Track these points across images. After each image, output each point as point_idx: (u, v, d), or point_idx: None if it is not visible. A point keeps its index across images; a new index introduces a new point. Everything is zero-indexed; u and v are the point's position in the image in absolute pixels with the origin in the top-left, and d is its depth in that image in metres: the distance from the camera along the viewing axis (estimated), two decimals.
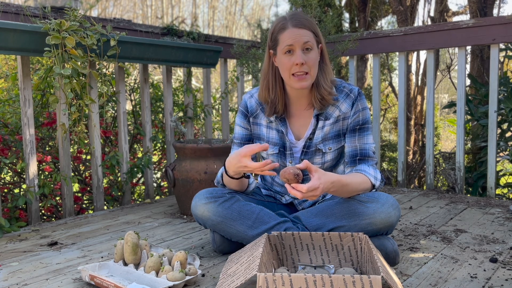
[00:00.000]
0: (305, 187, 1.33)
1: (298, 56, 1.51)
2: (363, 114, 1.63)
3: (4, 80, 2.95)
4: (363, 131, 1.63)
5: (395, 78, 5.24)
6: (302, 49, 1.52)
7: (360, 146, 1.63)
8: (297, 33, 1.52)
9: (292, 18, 1.55)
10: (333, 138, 1.66)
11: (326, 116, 1.65)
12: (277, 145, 1.70)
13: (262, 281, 1.13)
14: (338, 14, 4.54)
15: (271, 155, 1.72)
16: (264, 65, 1.66)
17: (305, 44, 1.52)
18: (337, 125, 1.65)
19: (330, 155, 1.68)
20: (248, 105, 1.74)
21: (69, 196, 2.38)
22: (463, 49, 2.72)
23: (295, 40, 1.51)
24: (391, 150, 4.77)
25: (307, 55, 1.53)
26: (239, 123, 1.76)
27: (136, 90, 3.20)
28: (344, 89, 1.65)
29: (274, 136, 1.70)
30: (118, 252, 1.52)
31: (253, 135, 1.76)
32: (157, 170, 3.45)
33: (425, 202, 2.56)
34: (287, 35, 1.52)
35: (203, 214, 1.63)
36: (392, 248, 1.53)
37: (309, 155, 1.68)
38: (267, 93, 1.65)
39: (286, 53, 1.53)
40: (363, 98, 1.65)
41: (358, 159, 1.62)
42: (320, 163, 1.69)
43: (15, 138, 2.44)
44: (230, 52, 3.09)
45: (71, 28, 2.12)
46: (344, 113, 1.64)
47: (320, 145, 1.66)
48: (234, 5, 10.80)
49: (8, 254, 1.77)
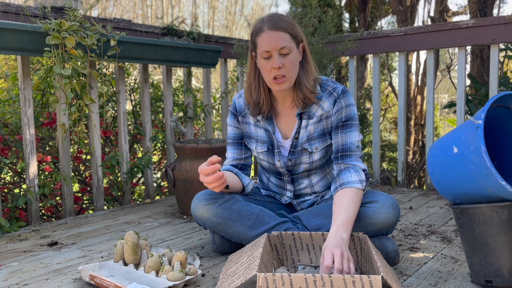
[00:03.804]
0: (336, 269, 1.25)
1: (275, 61, 1.51)
2: (346, 111, 1.61)
3: (4, 80, 2.95)
4: (346, 127, 1.61)
5: (395, 78, 5.24)
6: (279, 52, 1.51)
7: (341, 142, 1.60)
8: (273, 36, 1.50)
9: (269, 20, 1.53)
10: (318, 137, 1.66)
11: (310, 115, 1.64)
12: (266, 143, 1.71)
13: (262, 281, 1.13)
14: (338, 14, 4.54)
15: (260, 153, 1.73)
16: (248, 67, 1.67)
17: (282, 49, 1.51)
18: (321, 124, 1.64)
19: (317, 155, 1.67)
20: (236, 105, 1.76)
21: (69, 196, 2.38)
22: (463, 49, 2.72)
23: (271, 44, 1.50)
24: (391, 150, 4.77)
25: (284, 58, 1.52)
26: (230, 123, 1.78)
27: (136, 90, 3.20)
28: (328, 88, 1.64)
29: (262, 135, 1.71)
30: (118, 252, 1.52)
31: (244, 133, 1.77)
32: (157, 170, 3.44)
33: (425, 202, 2.56)
34: (263, 39, 1.52)
35: (203, 215, 1.63)
36: (392, 248, 1.53)
37: (296, 155, 1.68)
38: (249, 94, 1.67)
39: (264, 57, 1.53)
40: (347, 96, 1.62)
41: (340, 155, 1.59)
42: (308, 163, 1.69)
43: (15, 138, 2.44)
44: (230, 52, 3.09)
45: (71, 28, 2.12)
46: (326, 111, 1.63)
47: (306, 145, 1.66)
48: (234, 5, 10.81)
49: (8, 254, 1.77)
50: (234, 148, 1.77)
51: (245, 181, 1.72)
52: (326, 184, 1.77)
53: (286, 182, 1.77)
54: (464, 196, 1.37)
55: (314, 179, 1.75)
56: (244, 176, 1.73)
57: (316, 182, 1.75)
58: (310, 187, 1.76)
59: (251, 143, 1.75)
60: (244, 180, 1.72)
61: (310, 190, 1.76)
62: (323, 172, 1.75)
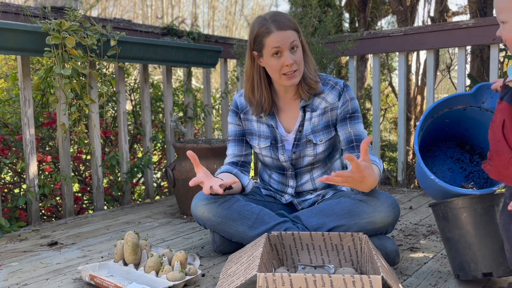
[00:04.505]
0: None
1: (287, 58, 1.56)
2: (352, 103, 1.68)
3: (4, 80, 2.95)
4: (354, 119, 1.67)
5: (395, 78, 5.24)
6: (289, 50, 1.57)
7: (354, 132, 1.66)
8: (284, 35, 1.56)
9: (273, 20, 1.58)
10: (322, 129, 1.70)
11: (313, 108, 1.69)
12: (269, 138, 1.74)
13: (262, 281, 1.13)
14: (338, 14, 4.54)
15: (263, 148, 1.75)
16: (246, 67, 1.70)
17: (292, 43, 1.56)
18: (325, 116, 1.69)
19: (321, 147, 1.70)
20: (238, 103, 1.79)
21: (69, 196, 2.38)
22: (463, 49, 2.72)
23: (282, 42, 1.55)
24: (391, 150, 4.77)
25: (294, 54, 1.58)
26: (231, 121, 1.81)
27: (136, 90, 3.20)
28: (330, 82, 1.70)
29: (265, 130, 1.74)
30: (118, 252, 1.52)
31: (245, 131, 1.80)
32: (157, 170, 3.44)
33: (425, 202, 2.56)
34: (273, 39, 1.56)
35: (203, 214, 1.63)
36: (392, 248, 1.53)
37: (300, 147, 1.71)
38: (251, 94, 1.70)
39: (274, 55, 1.57)
40: (349, 90, 1.70)
41: (356, 145, 1.65)
42: (312, 155, 1.72)
43: (15, 138, 2.44)
44: (230, 52, 3.09)
45: (71, 28, 2.12)
46: (331, 104, 1.68)
47: (310, 136, 1.69)
48: (234, 5, 10.81)
49: (8, 254, 1.77)
50: (235, 144, 1.79)
51: (244, 181, 1.72)
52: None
53: (289, 178, 1.78)
54: (442, 194, 1.40)
55: (316, 174, 1.77)
56: (244, 176, 1.73)
57: (318, 177, 1.77)
58: (311, 182, 1.77)
59: (253, 140, 1.76)
60: (244, 181, 1.72)
61: (312, 186, 1.78)
62: (325, 167, 1.77)
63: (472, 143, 1.55)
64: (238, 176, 1.71)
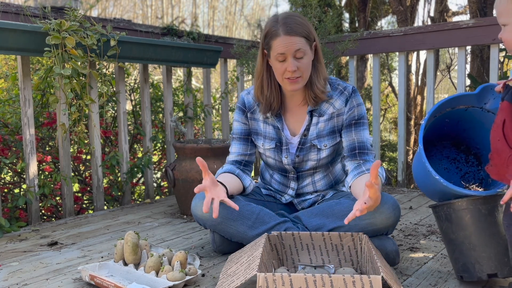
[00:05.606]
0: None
1: (290, 64, 1.54)
2: (358, 109, 1.66)
3: (4, 80, 2.95)
4: (359, 125, 1.66)
5: (395, 78, 5.24)
6: (294, 56, 1.54)
7: (357, 139, 1.65)
8: (289, 41, 1.52)
9: (284, 23, 1.54)
10: (328, 135, 1.68)
11: (320, 113, 1.68)
12: (274, 140, 1.73)
13: (262, 281, 1.13)
14: (338, 14, 4.54)
15: (267, 149, 1.75)
16: (257, 64, 1.69)
17: (297, 52, 1.53)
18: (332, 121, 1.67)
19: (325, 152, 1.70)
20: (245, 101, 1.77)
21: (69, 196, 2.38)
22: (463, 49, 2.72)
23: (286, 48, 1.53)
24: (391, 150, 4.77)
25: (299, 61, 1.55)
26: (237, 119, 1.79)
27: (136, 90, 3.20)
28: (339, 87, 1.68)
29: (271, 131, 1.73)
30: (118, 252, 1.52)
31: (251, 130, 1.78)
32: (157, 170, 3.44)
33: (425, 202, 2.56)
34: (278, 43, 1.54)
35: (203, 214, 1.63)
36: (392, 248, 1.53)
37: (304, 151, 1.71)
38: (260, 92, 1.69)
39: (278, 59, 1.56)
40: (357, 95, 1.67)
41: (358, 152, 1.63)
42: (316, 160, 1.71)
43: (15, 138, 2.44)
44: (230, 52, 3.09)
45: (71, 28, 2.12)
46: (338, 109, 1.67)
47: (315, 141, 1.68)
48: (234, 5, 10.80)
49: (8, 254, 1.77)
50: (240, 143, 1.78)
51: (246, 182, 1.72)
52: (328, 182, 1.78)
53: (291, 180, 1.78)
54: (442, 195, 1.40)
55: (317, 177, 1.77)
56: (245, 177, 1.73)
57: (319, 180, 1.77)
58: (312, 184, 1.77)
59: (259, 140, 1.76)
60: (245, 182, 1.72)
61: (312, 188, 1.78)
62: (326, 171, 1.77)
63: (468, 143, 1.55)
64: (240, 177, 1.71)
